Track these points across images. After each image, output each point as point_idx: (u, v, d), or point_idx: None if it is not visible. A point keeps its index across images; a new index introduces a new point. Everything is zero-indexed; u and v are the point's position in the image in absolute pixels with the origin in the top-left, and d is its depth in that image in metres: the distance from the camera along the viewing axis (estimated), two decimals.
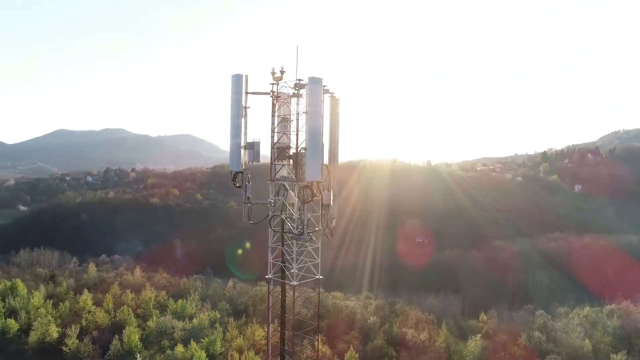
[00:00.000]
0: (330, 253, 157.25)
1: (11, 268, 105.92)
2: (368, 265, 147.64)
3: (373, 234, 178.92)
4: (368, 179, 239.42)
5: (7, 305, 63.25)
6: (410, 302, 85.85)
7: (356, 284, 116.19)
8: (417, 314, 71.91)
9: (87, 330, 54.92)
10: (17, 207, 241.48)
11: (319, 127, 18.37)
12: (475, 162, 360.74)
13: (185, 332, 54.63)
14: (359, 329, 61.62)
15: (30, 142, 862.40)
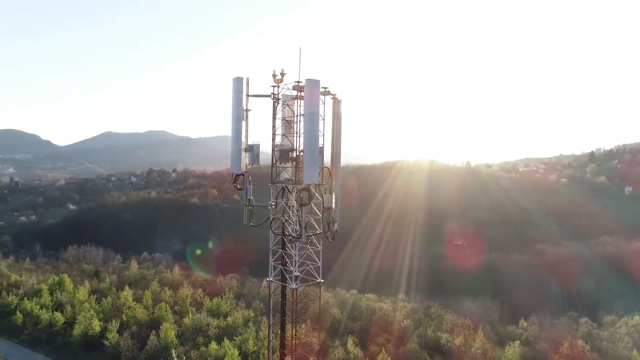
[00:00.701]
0: (367, 255, 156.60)
1: (60, 264, 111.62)
2: (404, 267, 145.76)
3: (410, 236, 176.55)
4: (405, 180, 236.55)
5: (55, 299, 66.54)
6: (446, 306, 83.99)
7: (392, 287, 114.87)
8: (452, 318, 70.29)
9: (127, 325, 56.91)
10: (67, 206, 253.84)
11: (316, 129, 18.13)
12: (517, 163, 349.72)
13: (219, 329, 55.65)
14: (392, 331, 60.81)
15: (79, 144, 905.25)
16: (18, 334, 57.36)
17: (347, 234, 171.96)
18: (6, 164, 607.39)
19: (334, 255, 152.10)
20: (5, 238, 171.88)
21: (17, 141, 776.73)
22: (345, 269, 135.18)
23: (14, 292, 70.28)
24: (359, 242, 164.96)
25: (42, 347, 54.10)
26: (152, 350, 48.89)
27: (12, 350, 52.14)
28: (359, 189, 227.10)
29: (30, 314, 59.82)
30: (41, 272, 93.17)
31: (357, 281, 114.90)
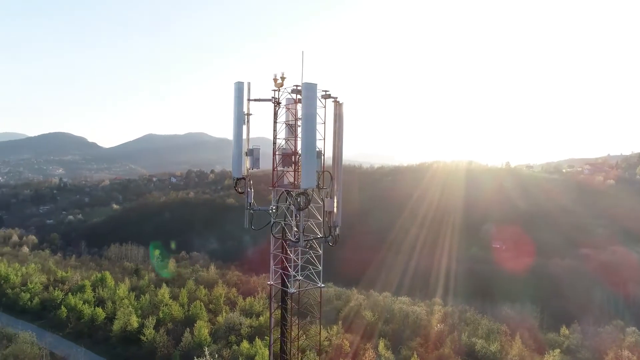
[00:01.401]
0: (402, 257, 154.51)
1: (103, 261, 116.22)
2: (440, 270, 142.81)
3: (447, 239, 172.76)
4: (442, 181, 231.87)
5: (97, 294, 69.40)
6: (482, 310, 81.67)
7: (427, 290, 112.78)
8: (489, 323, 68.33)
9: (163, 322, 58.61)
10: (111, 206, 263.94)
11: (312, 132, 17.86)
12: (560, 164, 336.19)
13: (251, 329, 56.39)
14: (424, 336, 59.77)
15: (123, 146, 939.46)
16: (62, 328, 60.19)
17: (382, 235, 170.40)
18: (56, 165, 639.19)
19: (369, 258, 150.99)
20: (54, 236, 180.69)
21: (66, 143, 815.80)
22: (379, 271, 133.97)
23: (59, 287, 73.92)
24: (394, 244, 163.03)
25: (84, 341, 56.53)
26: (186, 347, 50.10)
27: (57, 343, 54.68)
28: (394, 190, 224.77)
29: (74, 309, 62.59)
30: (85, 269, 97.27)
31: (391, 284, 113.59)
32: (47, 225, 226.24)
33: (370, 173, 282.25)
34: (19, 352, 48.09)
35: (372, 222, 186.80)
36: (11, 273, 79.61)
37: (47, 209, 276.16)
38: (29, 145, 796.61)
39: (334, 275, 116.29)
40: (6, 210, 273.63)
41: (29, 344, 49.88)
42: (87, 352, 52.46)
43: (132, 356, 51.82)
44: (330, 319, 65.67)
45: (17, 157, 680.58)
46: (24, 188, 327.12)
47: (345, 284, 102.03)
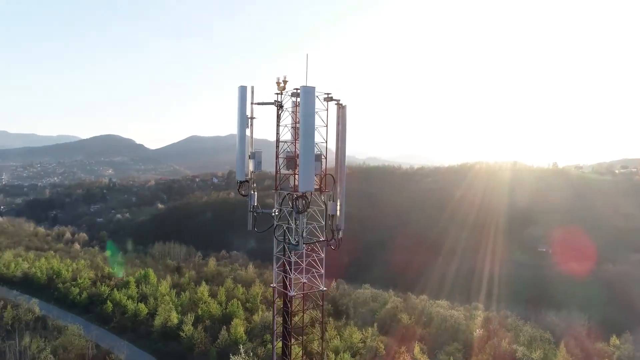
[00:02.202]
0: (441, 260, 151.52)
1: (147, 258, 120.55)
2: (482, 274, 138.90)
3: (490, 241, 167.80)
4: (484, 182, 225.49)
5: (140, 291, 72.04)
6: (525, 317, 78.67)
7: (467, 294, 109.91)
8: (531, 330, 65.64)
9: (202, 319, 60.07)
10: (156, 205, 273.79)
11: (311, 135, 17.61)
12: (613, 164, 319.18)
13: None
14: (463, 341, 58.25)
15: (168, 148, 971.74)
16: (108, 321, 62.89)
17: (421, 237, 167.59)
18: (106, 166, 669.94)
19: (407, 260, 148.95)
20: (103, 234, 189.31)
21: (116, 145, 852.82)
22: (418, 273, 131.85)
23: (106, 283, 77.23)
24: (434, 246, 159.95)
25: (127, 335, 58.85)
26: (223, 345, 51.15)
27: (102, 336, 57.23)
28: (434, 191, 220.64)
29: (119, 304, 65.24)
30: (130, 266, 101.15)
31: (430, 287, 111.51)
32: (97, 223, 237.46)
33: (410, 174, 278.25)
34: (67, 343, 50.74)
35: (411, 223, 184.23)
36: (63, 268, 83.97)
37: (97, 208, 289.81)
38: (82, 147, 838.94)
39: (371, 276, 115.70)
40: (61, 209, 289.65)
41: (76, 336, 52.51)
42: (130, 345, 54.55)
43: (172, 351, 53.40)
44: (365, 321, 65.34)
45: (71, 158, 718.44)
46: (77, 188, 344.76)
47: (382, 285, 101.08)
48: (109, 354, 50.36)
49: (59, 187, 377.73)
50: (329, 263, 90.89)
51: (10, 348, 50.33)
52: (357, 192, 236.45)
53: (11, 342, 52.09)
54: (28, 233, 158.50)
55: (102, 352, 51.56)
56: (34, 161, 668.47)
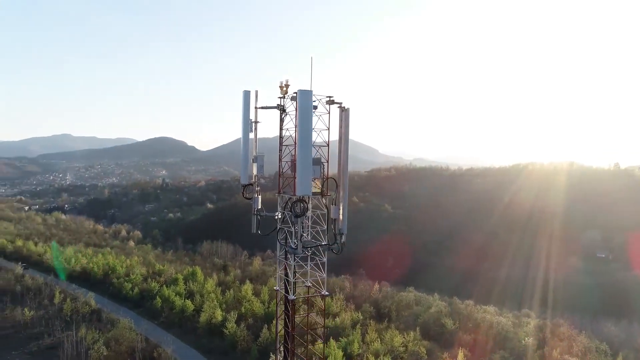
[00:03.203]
0: (489, 264, 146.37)
1: (195, 257, 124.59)
2: (534, 280, 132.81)
3: (543, 246, 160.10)
4: (538, 184, 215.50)
5: (188, 288, 74.57)
6: (580, 326, 74.42)
7: (516, 300, 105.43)
8: (586, 340, 62.00)
9: (245, 317, 61.32)
10: (205, 205, 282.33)
11: (308, 139, 17.23)
12: None
13: (327, 329, 56.82)
14: (510, 349, 55.93)
15: (218, 149, 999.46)
16: (157, 316, 65.57)
17: (468, 240, 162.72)
18: (160, 167, 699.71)
19: (452, 264, 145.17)
20: (156, 232, 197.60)
21: (169, 147, 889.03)
22: (465, 277, 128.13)
23: (156, 279, 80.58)
24: (481, 250, 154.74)
25: (174, 330, 61.08)
26: (264, 343, 51.95)
27: (151, 330, 59.70)
28: (483, 193, 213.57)
29: (167, 300, 67.84)
30: (179, 263, 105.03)
31: (477, 291, 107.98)
32: (151, 222, 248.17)
33: (459, 175, 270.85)
34: (119, 336, 53.34)
35: (459, 226, 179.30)
36: (118, 264, 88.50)
37: (151, 207, 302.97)
38: (138, 149, 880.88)
39: (415, 279, 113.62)
40: (118, 208, 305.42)
41: (127, 329, 55.12)
42: (176, 340, 56.55)
43: (216, 347, 54.85)
44: (408, 325, 64.20)
45: (128, 160, 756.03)
46: (133, 188, 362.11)
47: (427, 289, 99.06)
48: (157, 347, 52.47)
49: (116, 187, 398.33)
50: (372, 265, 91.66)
51: (68, 338, 53.61)
52: (404, 193, 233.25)
53: (69, 333, 55.52)
54: (88, 230, 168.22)
55: (151, 345, 53.75)
56: (94, 162, 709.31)
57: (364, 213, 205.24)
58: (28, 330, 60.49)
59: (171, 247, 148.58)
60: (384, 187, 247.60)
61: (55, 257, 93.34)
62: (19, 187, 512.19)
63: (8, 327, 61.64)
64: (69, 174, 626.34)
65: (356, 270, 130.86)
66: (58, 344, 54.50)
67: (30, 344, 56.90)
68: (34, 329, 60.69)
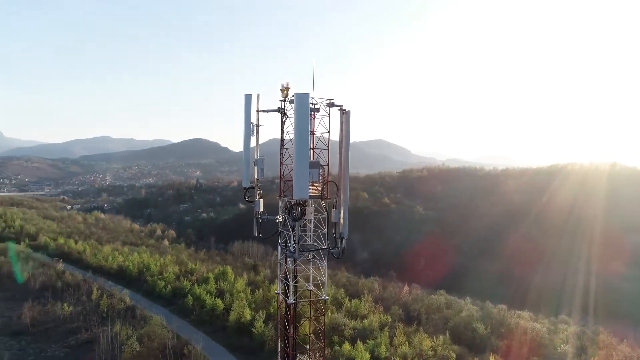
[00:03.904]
0: (525, 268, 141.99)
1: (227, 256, 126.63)
2: (572, 285, 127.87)
3: (583, 250, 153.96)
4: (578, 185, 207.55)
5: (218, 286, 75.86)
6: (622, 335, 71.08)
7: (552, 305, 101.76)
8: (628, 350, 59.23)
9: (273, 316, 61.70)
10: (238, 205, 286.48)
11: (304, 142, 17.00)
12: None
13: (354, 331, 56.61)
14: (544, 356, 54.07)
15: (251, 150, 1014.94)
16: (188, 314, 66.95)
17: (501, 244, 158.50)
18: (195, 167, 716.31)
19: (485, 267, 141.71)
20: (189, 231, 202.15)
21: (203, 148, 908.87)
22: (499, 281, 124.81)
23: (188, 278, 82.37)
24: (517, 254, 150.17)
25: (204, 328, 62.19)
26: None
27: (182, 327, 61.02)
28: (519, 194, 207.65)
29: (199, 298, 69.20)
30: (211, 263, 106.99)
31: (511, 296, 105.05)
32: (185, 221, 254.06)
33: (493, 176, 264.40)
34: (151, 332, 54.78)
35: (494, 228, 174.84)
36: (152, 263, 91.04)
37: (185, 207, 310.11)
38: (173, 150, 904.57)
39: (446, 282, 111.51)
40: (154, 208, 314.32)
41: (159, 326, 56.55)
42: (206, 338, 57.55)
43: (244, 346, 55.48)
44: (437, 328, 63.08)
45: (164, 161, 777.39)
46: (168, 188, 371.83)
47: (459, 293, 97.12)
48: (187, 344, 53.54)
49: (153, 188, 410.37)
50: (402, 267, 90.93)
51: (103, 333, 55.48)
52: (436, 194, 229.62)
53: (104, 328, 57.43)
54: (125, 229, 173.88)
55: (182, 342, 54.90)
56: (132, 163, 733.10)
57: (395, 214, 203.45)
58: (67, 325, 63.00)
59: (204, 247, 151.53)
60: (416, 188, 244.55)
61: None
62: (62, 187, 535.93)
63: (49, 321, 64.42)
64: (108, 175, 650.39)
65: (386, 272, 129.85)
66: (94, 338, 56.51)
67: (69, 338, 59.26)
68: (72, 323, 63.16)
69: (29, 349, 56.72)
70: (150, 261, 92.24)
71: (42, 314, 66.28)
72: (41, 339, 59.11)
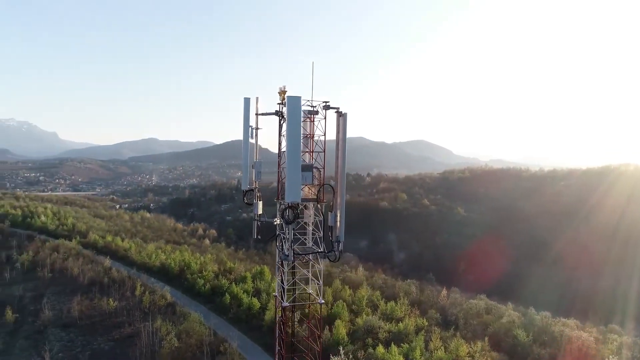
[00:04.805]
0: (572, 273, 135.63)
1: (266, 256, 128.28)
2: (624, 292, 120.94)
3: (638, 255, 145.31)
4: (632, 187, 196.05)
5: (255, 286, 77.01)
6: None
7: (602, 314, 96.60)
8: None
9: (308, 317, 61.95)
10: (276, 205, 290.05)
11: (296, 145, 16.79)
12: None
13: (389, 334, 55.96)
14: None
15: None
16: (226, 312, 68.40)
17: (547, 248, 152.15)
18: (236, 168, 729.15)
19: (529, 272, 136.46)
20: (230, 231, 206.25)
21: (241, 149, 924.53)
22: (543, 287, 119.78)
23: (227, 276, 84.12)
24: (563, 258, 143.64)
25: (241, 326, 63.35)
26: (325, 344, 52.11)
27: (220, 325, 62.50)
28: (567, 196, 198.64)
29: (236, 297, 70.52)
30: (249, 262, 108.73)
31: (556, 302, 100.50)
32: (226, 221, 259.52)
33: (540, 177, 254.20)
34: (189, 329, 56.42)
35: (538, 230, 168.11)
36: (192, 261, 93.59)
37: (227, 207, 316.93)
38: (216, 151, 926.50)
39: (487, 287, 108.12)
40: (197, 207, 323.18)
41: (197, 323, 58.18)
42: (242, 336, 58.67)
43: None
44: (476, 334, 61.31)
45: (207, 162, 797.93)
46: (211, 189, 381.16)
47: (500, 297, 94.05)
48: (224, 342, 54.74)
49: (196, 188, 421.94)
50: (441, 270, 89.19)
51: (144, 328, 57.67)
52: (479, 196, 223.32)
53: (146, 324, 59.69)
54: (168, 228, 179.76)
55: (218, 339, 56.22)
56: (177, 164, 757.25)
57: (434, 216, 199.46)
58: (112, 319, 66.00)
59: (243, 246, 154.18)
60: (457, 190, 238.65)
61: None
62: (112, 187, 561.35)
63: (96, 315, 67.71)
64: (154, 175, 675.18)
65: (425, 275, 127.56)
66: (136, 333, 58.87)
67: (114, 331, 62.01)
68: (117, 318, 66.07)
69: (77, 340, 59.78)
70: (191, 259, 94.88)
71: (90, 308, 69.74)
72: (88, 332, 62.19)
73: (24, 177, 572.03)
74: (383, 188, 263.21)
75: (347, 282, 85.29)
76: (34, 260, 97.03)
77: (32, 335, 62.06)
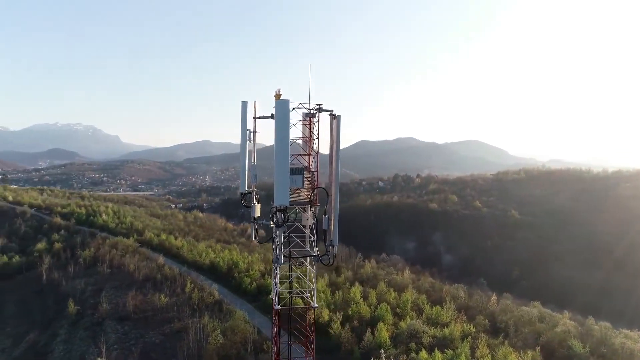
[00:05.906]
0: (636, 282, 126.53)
1: None
2: None
3: None
4: None
5: None
6: None
7: None
8: None
9: (351, 318, 61.89)
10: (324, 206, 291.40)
11: (285, 148, 16.50)
12: None
13: (433, 339, 54.62)
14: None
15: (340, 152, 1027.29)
16: (270, 311, 69.27)
17: (609, 254, 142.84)
18: None
19: (588, 279, 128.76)
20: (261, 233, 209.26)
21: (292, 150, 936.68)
22: (603, 296, 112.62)
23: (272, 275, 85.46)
24: (625, 266, 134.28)
25: (284, 325, 64.12)
26: (367, 347, 51.87)
27: (264, 324, 63.51)
28: (632, 199, 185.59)
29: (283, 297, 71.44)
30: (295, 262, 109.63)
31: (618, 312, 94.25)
32: None
33: (602, 179, 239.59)
34: (234, 326, 57.91)
35: (600, 235, 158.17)
36: (240, 260, 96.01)
37: None
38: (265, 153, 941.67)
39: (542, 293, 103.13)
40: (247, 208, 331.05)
41: (242, 321, 59.60)
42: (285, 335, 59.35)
43: (321, 346, 55.74)
44: (527, 343, 58.57)
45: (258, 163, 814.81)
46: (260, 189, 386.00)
47: (556, 305, 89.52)
48: (267, 340, 55.64)
49: None
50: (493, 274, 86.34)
51: (192, 324, 59.84)
52: (534, 198, 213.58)
53: (194, 320, 61.92)
54: (219, 227, 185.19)
55: (262, 338, 57.25)
56: (229, 166, 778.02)
57: (487, 219, 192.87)
58: (163, 314, 68.97)
59: None
60: (512, 191, 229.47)
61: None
62: (168, 187, 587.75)
63: (148, 310, 71.02)
64: (208, 176, 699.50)
65: (475, 279, 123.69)
66: (185, 328, 61.19)
67: (164, 326, 64.81)
68: (167, 313, 68.97)
69: (131, 333, 63.01)
70: (239, 258, 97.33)
71: (143, 303, 73.20)
72: (141, 326, 65.40)
73: (89, 178, 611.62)
74: (433, 189, 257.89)
75: (393, 285, 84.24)
76: (95, 256, 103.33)
77: (91, 327, 66.18)
